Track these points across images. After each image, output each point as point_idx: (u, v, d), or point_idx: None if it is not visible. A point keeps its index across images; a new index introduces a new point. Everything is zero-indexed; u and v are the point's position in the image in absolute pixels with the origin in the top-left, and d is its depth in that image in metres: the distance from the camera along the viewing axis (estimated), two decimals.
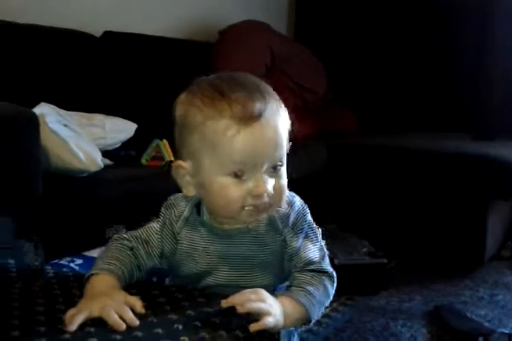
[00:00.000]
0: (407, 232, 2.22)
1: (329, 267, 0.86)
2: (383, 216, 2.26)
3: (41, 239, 1.40)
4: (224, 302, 0.70)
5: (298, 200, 0.88)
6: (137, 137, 1.87)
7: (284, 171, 0.80)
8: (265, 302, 0.71)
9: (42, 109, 1.52)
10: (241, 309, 0.69)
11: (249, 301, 0.70)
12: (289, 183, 0.84)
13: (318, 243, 0.88)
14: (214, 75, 0.81)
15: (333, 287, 0.84)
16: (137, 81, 2.26)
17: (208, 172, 0.77)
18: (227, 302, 0.70)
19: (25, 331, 0.65)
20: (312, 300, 0.79)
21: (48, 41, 2.01)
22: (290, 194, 0.87)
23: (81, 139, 1.56)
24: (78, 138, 1.55)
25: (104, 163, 1.62)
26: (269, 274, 0.85)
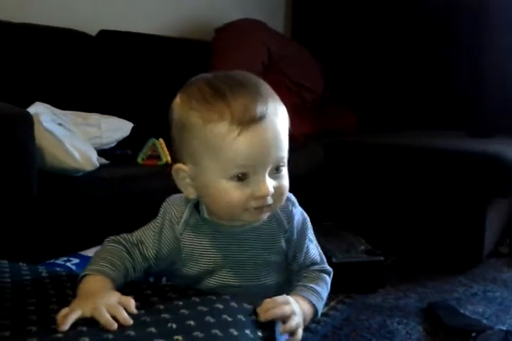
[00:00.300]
0: (405, 230, 2.22)
1: (327, 264, 0.91)
2: (381, 214, 2.26)
3: (37, 238, 1.40)
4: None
5: (294, 198, 0.89)
6: (133, 136, 1.86)
7: (286, 171, 0.80)
8: (288, 303, 0.76)
9: (36, 109, 1.51)
10: (263, 317, 0.73)
11: (271, 309, 0.74)
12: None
13: (315, 241, 0.91)
14: (212, 74, 0.79)
15: (330, 282, 0.90)
16: (133, 80, 2.25)
17: (210, 175, 0.76)
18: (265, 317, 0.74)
19: (16, 331, 0.64)
20: (319, 298, 0.85)
21: (43, 40, 2.00)
22: (288, 194, 0.87)
23: (76, 138, 1.55)
24: (73, 137, 1.54)
25: (99, 162, 1.61)
26: (272, 273, 0.85)
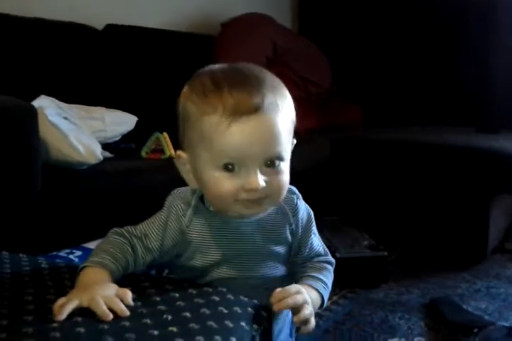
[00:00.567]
0: (409, 225, 2.21)
1: (330, 256, 0.94)
2: (385, 209, 2.26)
3: (41, 231, 1.41)
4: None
5: (299, 192, 0.90)
6: (137, 130, 1.87)
7: (285, 167, 0.80)
8: (300, 293, 0.77)
9: (41, 102, 1.52)
10: (277, 307, 0.75)
11: (284, 299, 0.75)
12: (292, 176, 0.85)
13: (317, 234, 0.93)
14: (218, 66, 0.81)
15: (333, 272, 0.93)
16: (139, 74, 2.26)
17: (203, 165, 0.78)
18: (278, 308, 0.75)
19: (13, 320, 0.65)
20: (325, 287, 0.88)
21: (50, 34, 2.01)
22: (292, 187, 0.88)
23: (81, 132, 1.56)
24: (78, 130, 1.55)
25: (103, 156, 1.62)
26: (278, 264, 0.87)
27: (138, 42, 2.31)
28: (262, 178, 0.76)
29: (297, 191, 0.90)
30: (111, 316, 0.66)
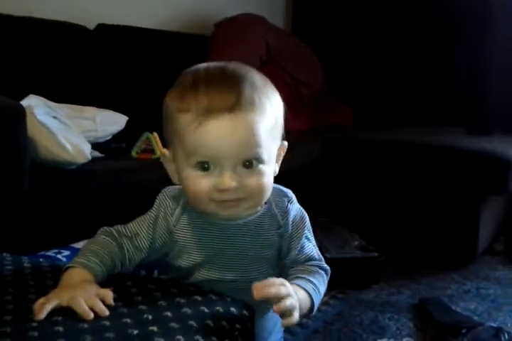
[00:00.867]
0: (400, 226, 2.21)
1: (325, 264, 0.88)
2: (376, 210, 2.26)
3: (28, 230, 1.41)
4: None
5: (294, 197, 0.88)
6: (128, 130, 1.86)
7: (266, 169, 0.78)
8: (284, 285, 0.72)
9: (30, 101, 1.52)
10: (258, 295, 0.69)
11: (266, 287, 0.70)
12: (284, 176, 0.85)
13: (313, 241, 0.90)
14: (206, 65, 0.80)
15: (327, 281, 0.88)
16: (131, 74, 2.26)
17: (180, 163, 0.78)
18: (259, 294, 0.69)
19: None
20: (315, 290, 0.82)
21: (41, 33, 2.01)
22: (287, 190, 0.88)
23: (70, 131, 1.56)
24: (67, 130, 1.54)
25: (93, 156, 1.62)
26: (263, 269, 0.85)
27: (130, 42, 2.31)
28: (236, 179, 0.75)
29: (291, 194, 0.88)
30: (91, 315, 0.66)
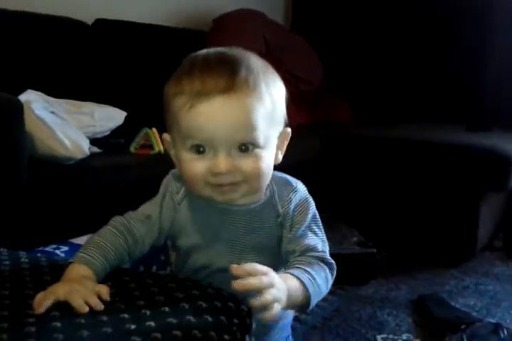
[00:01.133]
0: (399, 222, 2.21)
1: (331, 258, 0.83)
2: (375, 206, 2.26)
3: (27, 225, 1.40)
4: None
5: (302, 188, 0.86)
6: (126, 125, 1.86)
7: (263, 154, 0.77)
8: (267, 275, 0.68)
9: (28, 96, 1.51)
10: (238, 286, 0.65)
11: (248, 277, 0.66)
12: (282, 172, 0.85)
13: (321, 236, 0.85)
14: (207, 50, 0.81)
15: (332, 278, 0.81)
16: (129, 69, 2.25)
17: (178, 147, 0.79)
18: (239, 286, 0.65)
19: None
20: (313, 282, 0.76)
21: (39, 28, 2.00)
22: (294, 180, 0.86)
23: (68, 126, 1.55)
24: (65, 125, 1.54)
25: (92, 151, 1.62)
26: (263, 259, 0.82)
27: (128, 37, 2.30)
28: (231, 162, 0.75)
29: (297, 184, 0.86)
30: (87, 309, 0.66)
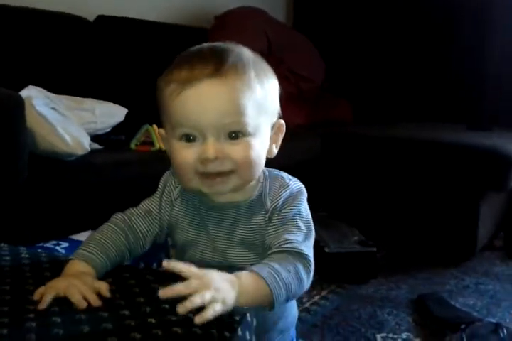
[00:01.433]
0: (399, 221, 2.21)
1: (309, 252, 0.77)
2: (375, 205, 2.26)
3: (27, 221, 1.40)
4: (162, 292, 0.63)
5: (295, 185, 0.84)
6: (127, 122, 1.85)
7: (254, 142, 0.76)
8: (209, 287, 0.63)
9: (29, 92, 1.51)
10: (163, 295, 0.63)
11: (189, 298, 0.62)
12: (283, 171, 0.85)
13: (305, 231, 0.81)
14: (204, 44, 0.81)
15: (307, 274, 0.76)
16: (130, 66, 2.24)
17: (169, 137, 0.79)
18: (164, 293, 0.63)
19: None
20: (277, 278, 0.70)
21: (41, 25, 2.00)
22: (288, 177, 0.85)
23: (69, 123, 1.55)
24: (66, 121, 1.53)
25: (92, 148, 1.61)
26: (253, 255, 0.83)
27: (129, 33, 2.30)
28: (220, 148, 0.74)
29: (291, 182, 0.83)
30: (85, 304, 0.66)
